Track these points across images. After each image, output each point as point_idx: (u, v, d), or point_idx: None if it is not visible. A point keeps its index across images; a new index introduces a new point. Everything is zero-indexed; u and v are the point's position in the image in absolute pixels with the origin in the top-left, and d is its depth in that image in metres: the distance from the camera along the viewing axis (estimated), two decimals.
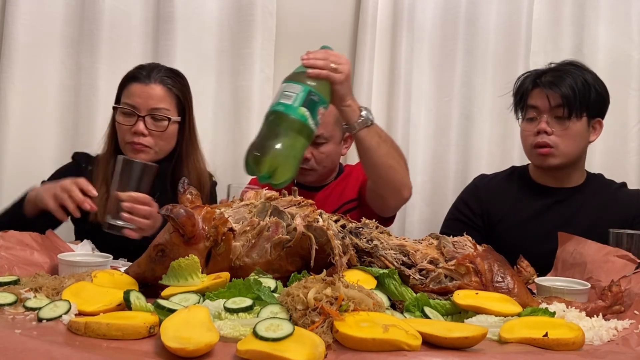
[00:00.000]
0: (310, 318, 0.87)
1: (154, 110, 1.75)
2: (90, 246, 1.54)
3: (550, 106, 1.72)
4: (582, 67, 1.78)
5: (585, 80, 1.72)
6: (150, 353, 0.80)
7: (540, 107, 1.75)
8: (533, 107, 1.77)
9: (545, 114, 1.73)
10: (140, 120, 1.74)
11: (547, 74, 1.77)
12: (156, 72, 1.78)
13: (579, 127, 1.73)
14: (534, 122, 1.77)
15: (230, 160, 2.42)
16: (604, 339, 0.96)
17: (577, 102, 1.71)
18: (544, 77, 1.76)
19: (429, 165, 2.57)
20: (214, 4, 2.43)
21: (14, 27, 2.23)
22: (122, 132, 1.77)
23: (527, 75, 1.83)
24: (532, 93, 1.78)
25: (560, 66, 1.79)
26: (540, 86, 1.75)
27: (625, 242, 1.42)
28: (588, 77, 1.74)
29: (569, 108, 1.71)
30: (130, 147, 1.76)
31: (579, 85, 1.71)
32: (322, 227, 1.12)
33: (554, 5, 2.60)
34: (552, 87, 1.72)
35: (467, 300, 1.04)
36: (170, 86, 1.79)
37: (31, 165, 2.25)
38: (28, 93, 2.26)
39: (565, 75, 1.73)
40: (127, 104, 1.76)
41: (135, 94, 1.75)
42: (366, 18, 2.46)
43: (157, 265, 1.12)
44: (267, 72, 2.43)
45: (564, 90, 1.70)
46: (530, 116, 1.78)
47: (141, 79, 1.76)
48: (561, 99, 1.71)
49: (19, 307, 0.98)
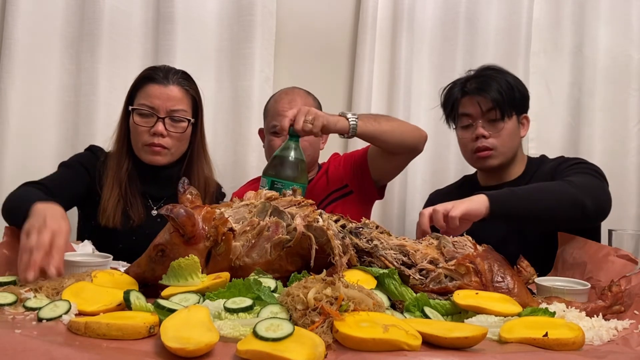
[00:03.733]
0: (310, 318, 0.87)
1: (173, 111, 1.75)
2: (90, 246, 1.54)
3: (482, 111, 1.79)
4: (500, 70, 1.86)
5: (508, 82, 1.81)
6: (150, 353, 0.80)
7: (473, 114, 1.81)
8: (466, 115, 1.83)
9: (479, 119, 1.80)
10: (159, 122, 1.73)
11: (470, 81, 1.84)
12: (173, 73, 1.78)
13: (510, 125, 1.80)
14: (469, 128, 1.83)
15: (230, 160, 2.42)
16: (604, 339, 0.96)
17: (506, 104, 1.78)
18: (469, 84, 1.83)
19: (429, 165, 2.57)
20: (214, 4, 2.43)
21: (14, 27, 2.23)
22: (139, 134, 1.75)
23: (452, 86, 1.90)
24: (462, 101, 1.84)
25: (481, 72, 1.86)
26: (469, 94, 1.82)
27: (625, 242, 1.42)
28: (509, 78, 1.82)
29: (500, 110, 1.78)
30: (148, 149, 1.75)
31: (504, 88, 1.79)
32: (322, 227, 1.12)
33: (554, 5, 2.60)
34: (481, 92, 1.79)
35: (467, 300, 1.04)
36: (187, 88, 1.79)
37: (31, 165, 2.25)
38: (28, 93, 2.26)
39: (489, 80, 1.80)
40: (145, 105, 1.74)
41: (153, 95, 1.74)
42: (366, 18, 2.46)
43: (157, 265, 1.12)
44: (267, 72, 2.43)
45: (492, 94, 1.78)
46: (464, 124, 1.84)
47: (159, 81, 1.75)
48: (492, 103, 1.78)
49: (19, 307, 0.98)
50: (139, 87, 1.77)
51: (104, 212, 1.73)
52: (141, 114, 1.75)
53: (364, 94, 2.45)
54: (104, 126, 2.24)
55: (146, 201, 1.81)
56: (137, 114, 1.75)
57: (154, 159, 1.76)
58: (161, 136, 1.74)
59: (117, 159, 1.78)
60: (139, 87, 1.77)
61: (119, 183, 1.76)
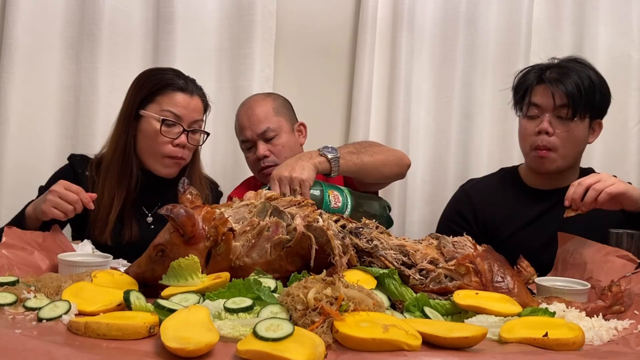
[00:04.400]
0: (310, 318, 0.87)
1: (194, 123, 1.71)
2: (90, 246, 1.54)
3: (555, 105, 1.66)
4: (586, 64, 1.72)
5: (591, 80, 1.66)
6: (150, 353, 0.80)
7: (543, 105, 1.68)
8: (535, 105, 1.70)
9: (548, 113, 1.67)
10: (184, 133, 1.68)
11: (551, 69, 1.70)
12: (193, 83, 1.74)
13: (581, 128, 1.68)
14: (535, 120, 1.70)
15: (230, 160, 2.42)
16: (604, 339, 0.96)
17: (582, 103, 1.65)
18: (549, 72, 1.69)
19: (429, 165, 2.57)
20: (214, 4, 2.43)
21: (14, 27, 2.22)
22: (159, 144, 1.67)
23: (529, 70, 1.76)
24: (535, 89, 1.71)
25: (564, 62, 1.72)
26: (545, 82, 1.67)
27: (625, 242, 1.42)
28: (594, 76, 1.68)
29: (573, 108, 1.65)
30: (169, 161, 1.69)
31: (585, 85, 1.64)
32: (322, 227, 1.12)
33: (554, 5, 2.60)
34: (558, 84, 1.65)
35: (467, 300, 1.04)
36: (204, 99, 1.77)
37: (31, 165, 2.25)
38: (28, 93, 2.26)
39: (571, 73, 1.66)
40: (172, 113, 1.67)
41: (180, 104, 1.68)
42: (366, 18, 2.46)
43: (157, 265, 1.12)
44: (267, 72, 2.43)
45: (570, 88, 1.64)
46: (531, 114, 1.71)
47: (185, 90, 1.69)
48: (567, 99, 1.64)
49: (19, 307, 0.98)
50: (160, 92, 1.68)
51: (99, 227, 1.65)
52: (166, 122, 1.66)
53: (364, 94, 2.45)
54: (104, 126, 2.24)
55: (139, 209, 1.74)
56: (160, 121, 1.65)
57: (170, 172, 1.71)
58: (183, 147, 1.69)
59: (119, 169, 1.68)
60: (160, 92, 1.68)
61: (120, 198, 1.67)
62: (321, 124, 2.41)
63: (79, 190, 1.48)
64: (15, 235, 1.36)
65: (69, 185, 1.49)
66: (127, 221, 1.68)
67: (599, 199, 1.40)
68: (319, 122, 2.27)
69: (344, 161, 1.62)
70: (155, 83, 1.69)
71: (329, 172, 1.60)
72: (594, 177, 1.44)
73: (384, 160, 1.74)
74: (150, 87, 1.69)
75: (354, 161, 1.65)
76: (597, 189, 1.40)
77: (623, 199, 1.42)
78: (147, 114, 1.68)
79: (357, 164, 1.66)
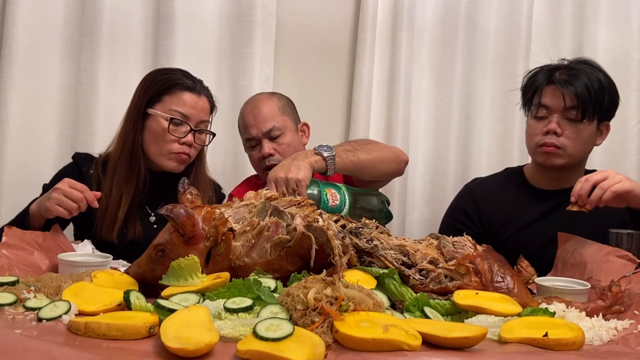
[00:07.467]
0: (310, 318, 0.87)
1: (201, 123, 1.73)
2: (90, 246, 1.54)
3: (564, 106, 1.66)
4: (595, 66, 1.72)
5: (601, 82, 1.67)
6: (150, 353, 0.80)
7: (553, 107, 1.68)
8: (544, 106, 1.70)
9: (557, 114, 1.68)
10: (191, 132, 1.70)
11: (560, 71, 1.70)
12: (201, 84, 1.75)
13: (589, 130, 1.69)
14: (543, 120, 1.71)
15: (230, 160, 2.42)
16: (604, 339, 0.96)
17: (592, 105, 1.65)
18: (558, 74, 1.70)
19: (429, 165, 2.57)
20: (214, 4, 2.43)
21: (14, 27, 2.22)
22: (167, 142, 1.69)
23: (538, 71, 1.76)
24: (545, 90, 1.71)
25: (573, 64, 1.73)
26: (555, 83, 1.68)
27: (625, 242, 1.42)
28: (603, 78, 1.69)
29: (583, 110, 1.65)
30: (174, 157, 1.70)
31: (595, 87, 1.65)
32: (322, 227, 1.12)
33: (554, 5, 2.60)
34: (568, 85, 1.65)
35: (467, 300, 1.04)
36: (212, 100, 1.78)
37: (31, 165, 2.25)
38: (28, 93, 2.26)
39: (580, 75, 1.67)
40: (180, 112, 1.69)
41: (188, 104, 1.70)
42: (366, 18, 2.46)
43: (157, 265, 1.12)
44: (267, 72, 2.43)
45: (580, 90, 1.64)
46: (540, 115, 1.72)
47: (194, 90, 1.72)
48: (577, 100, 1.65)
49: (19, 307, 0.98)
50: (167, 92, 1.70)
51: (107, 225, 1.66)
52: (174, 121, 1.68)
53: (364, 94, 2.45)
54: (104, 126, 2.24)
55: (142, 208, 1.75)
56: (168, 120, 1.68)
57: (176, 167, 1.72)
58: (189, 146, 1.71)
59: (127, 167, 1.69)
60: (168, 91, 1.70)
61: (128, 195, 1.68)
62: (321, 124, 2.40)
63: (83, 188, 1.48)
64: (15, 235, 1.35)
65: (74, 183, 1.49)
66: (132, 220, 1.70)
67: (604, 197, 1.41)
68: (319, 122, 2.27)
69: (340, 159, 1.62)
70: (163, 82, 1.71)
71: (325, 171, 1.60)
72: (601, 174, 1.44)
73: (381, 157, 1.74)
74: (159, 87, 1.71)
75: (350, 159, 1.65)
76: (604, 187, 1.41)
77: (629, 196, 1.43)
78: (155, 113, 1.69)
79: (353, 162, 1.66)
